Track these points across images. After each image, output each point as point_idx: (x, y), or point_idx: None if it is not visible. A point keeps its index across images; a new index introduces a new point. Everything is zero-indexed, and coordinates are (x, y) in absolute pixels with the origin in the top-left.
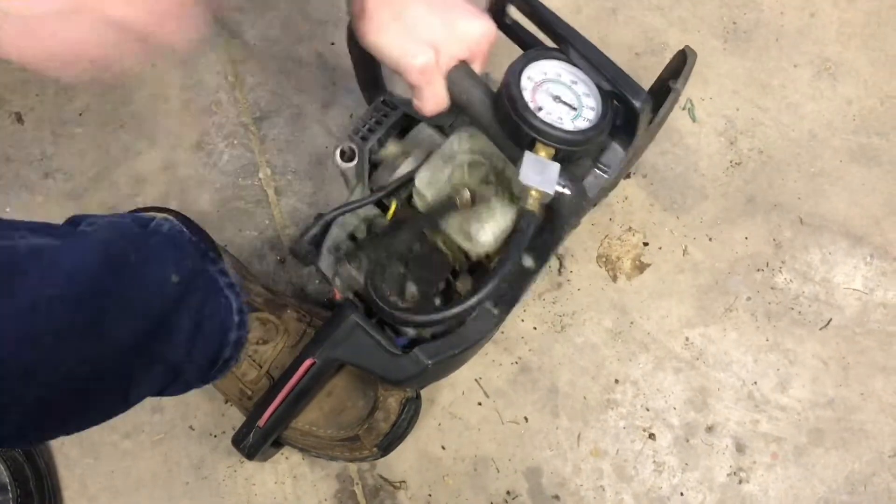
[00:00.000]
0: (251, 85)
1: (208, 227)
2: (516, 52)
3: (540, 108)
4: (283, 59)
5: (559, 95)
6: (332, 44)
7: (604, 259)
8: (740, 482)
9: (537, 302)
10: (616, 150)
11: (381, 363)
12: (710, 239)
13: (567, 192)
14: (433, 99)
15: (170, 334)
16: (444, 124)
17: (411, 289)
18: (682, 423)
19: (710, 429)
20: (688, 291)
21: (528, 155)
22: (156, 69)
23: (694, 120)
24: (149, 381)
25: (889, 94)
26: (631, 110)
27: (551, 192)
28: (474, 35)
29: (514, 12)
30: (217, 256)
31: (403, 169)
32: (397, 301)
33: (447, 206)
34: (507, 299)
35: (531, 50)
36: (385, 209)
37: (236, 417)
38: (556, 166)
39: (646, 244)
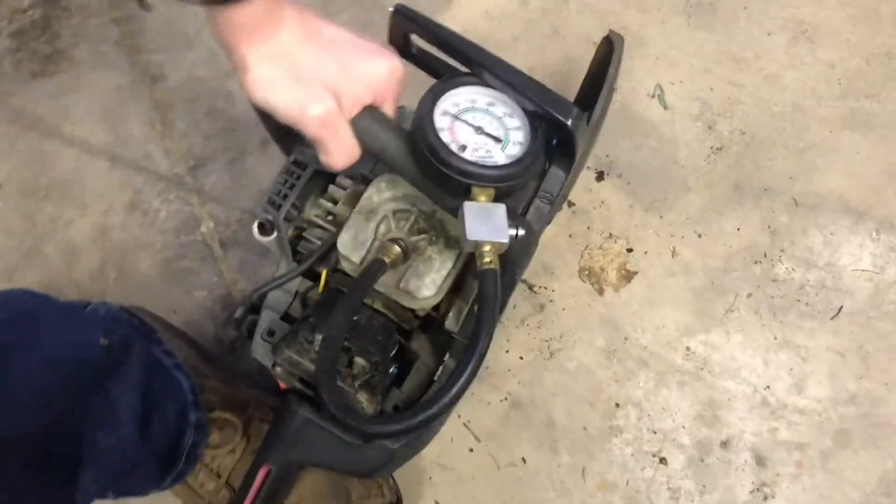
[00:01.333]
0: (182, 131)
1: (153, 291)
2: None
3: (464, 147)
4: (213, 98)
5: (481, 126)
6: None
7: (587, 272)
8: (765, 498)
9: (520, 329)
10: (556, 174)
11: (342, 458)
12: (700, 235)
13: (522, 232)
14: (341, 151)
15: (108, 404)
16: (363, 172)
17: (360, 363)
18: (694, 441)
19: (725, 444)
20: (682, 296)
21: (467, 206)
22: (77, 126)
23: (665, 107)
24: (99, 465)
25: (874, 52)
26: (564, 131)
27: (506, 241)
28: (377, 74)
29: (418, 41)
30: (160, 339)
31: (327, 231)
32: (361, 406)
33: (377, 268)
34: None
35: (437, 82)
36: (316, 278)
37: None
38: (503, 208)
39: (630, 250)
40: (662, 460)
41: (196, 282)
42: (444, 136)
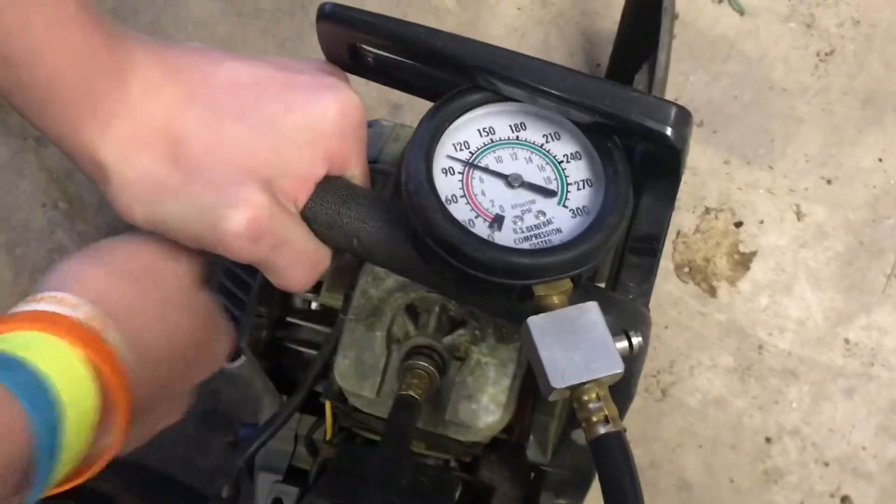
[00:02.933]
0: (93, 204)
1: None
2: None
3: (499, 219)
4: None
5: (517, 174)
6: None
7: (687, 269)
8: None
9: None
10: (654, 209)
11: None
12: (829, 181)
13: (638, 339)
14: (298, 267)
15: None
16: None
17: None
18: (884, 465)
19: None
20: (824, 271)
21: (533, 326)
22: None
23: (741, 12)
24: None
25: None
26: (661, 145)
27: (620, 370)
28: (323, 124)
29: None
30: None
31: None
32: None
33: (406, 417)
34: (578, 482)
35: (420, 123)
36: (318, 407)
37: None
38: (595, 310)
39: (739, 224)
40: (845, 500)
41: None
42: (461, 212)
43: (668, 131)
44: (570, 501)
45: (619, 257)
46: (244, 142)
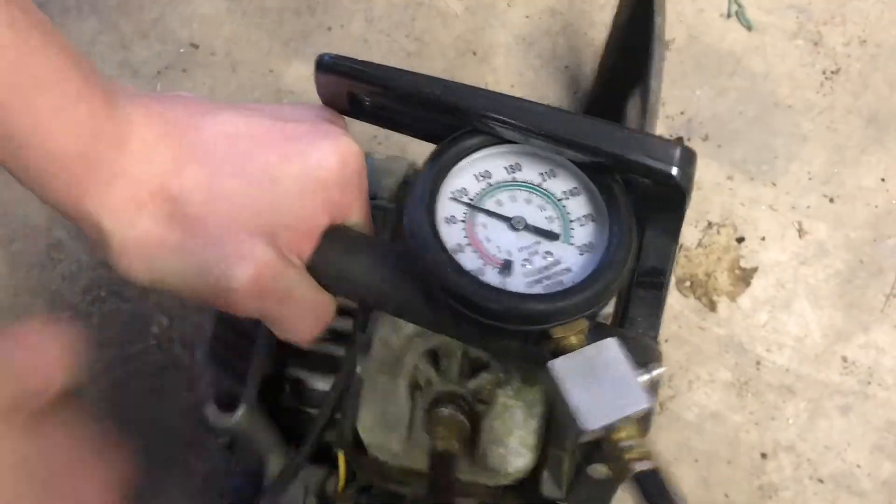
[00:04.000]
0: None
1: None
2: None
3: (507, 265)
4: None
5: (521, 216)
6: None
7: (688, 283)
8: None
9: None
10: (658, 242)
11: None
12: (831, 199)
13: (659, 370)
14: (304, 319)
15: None
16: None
17: None
18: (878, 483)
19: None
20: (824, 289)
21: (559, 368)
22: None
23: (749, 27)
24: None
25: None
26: (665, 182)
27: (648, 403)
28: (323, 174)
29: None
30: None
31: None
32: None
33: (445, 471)
34: None
35: (419, 173)
36: (328, 457)
37: None
38: (614, 347)
39: (741, 240)
40: None
41: (165, 403)
42: (469, 261)
43: (674, 171)
44: None
45: (626, 292)
46: (242, 195)
